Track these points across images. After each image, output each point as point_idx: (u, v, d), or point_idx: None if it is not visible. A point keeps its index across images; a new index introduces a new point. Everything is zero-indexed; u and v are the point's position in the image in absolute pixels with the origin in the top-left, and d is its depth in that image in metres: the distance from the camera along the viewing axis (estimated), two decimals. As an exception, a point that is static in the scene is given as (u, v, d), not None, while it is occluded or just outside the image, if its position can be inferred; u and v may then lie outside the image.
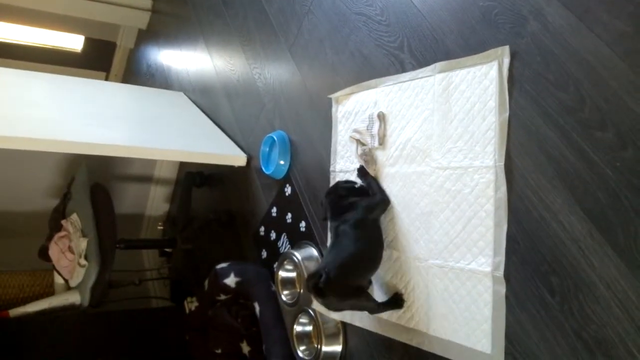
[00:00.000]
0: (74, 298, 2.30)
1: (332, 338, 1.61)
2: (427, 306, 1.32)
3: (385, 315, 1.43)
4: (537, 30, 1.11)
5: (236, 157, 2.24)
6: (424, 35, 1.39)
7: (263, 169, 2.04)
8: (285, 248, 1.94)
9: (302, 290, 1.72)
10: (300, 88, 1.92)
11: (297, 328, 1.72)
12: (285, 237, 1.94)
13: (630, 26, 0.97)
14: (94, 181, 2.51)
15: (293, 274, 1.79)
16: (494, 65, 1.18)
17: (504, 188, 1.15)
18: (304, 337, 1.70)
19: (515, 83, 1.14)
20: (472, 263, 1.21)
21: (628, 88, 0.96)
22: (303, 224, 1.84)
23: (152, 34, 3.85)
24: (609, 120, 0.98)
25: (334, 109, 1.71)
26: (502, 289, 1.14)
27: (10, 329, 2.19)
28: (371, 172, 1.52)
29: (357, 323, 1.53)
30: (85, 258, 2.28)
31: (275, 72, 2.11)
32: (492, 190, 1.17)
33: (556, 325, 1.04)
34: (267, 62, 2.17)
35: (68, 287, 2.41)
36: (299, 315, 1.71)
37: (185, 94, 2.98)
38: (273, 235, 2.03)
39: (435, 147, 1.32)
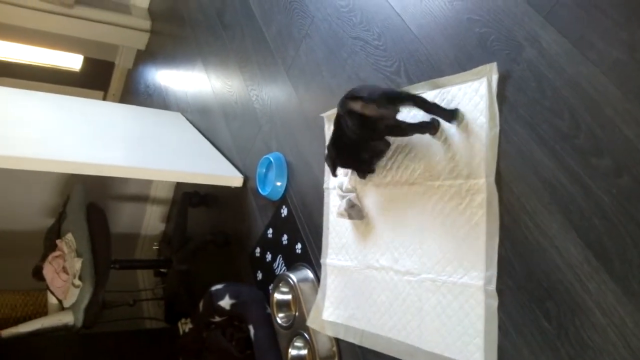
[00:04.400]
0: (67, 319, 2.28)
1: (327, 362, 1.60)
2: (420, 321, 1.31)
3: (379, 330, 1.43)
4: (532, 56, 1.12)
5: (233, 178, 2.24)
6: (420, 61, 1.40)
7: (259, 190, 2.04)
8: (280, 270, 1.93)
9: (297, 313, 1.71)
10: (297, 110, 1.93)
11: (292, 352, 1.70)
12: (281, 258, 1.94)
13: (625, 54, 0.98)
14: (89, 200, 2.50)
15: (288, 297, 1.78)
16: (484, 81, 1.20)
17: (495, 202, 1.16)
18: (299, 360, 1.69)
19: (512, 109, 1.15)
20: (465, 277, 1.21)
21: (623, 115, 0.97)
22: (299, 245, 1.84)
23: (151, 54, 3.87)
24: (604, 147, 0.99)
25: (326, 127, 1.72)
26: (495, 303, 1.14)
27: (1, 350, 2.16)
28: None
29: (351, 339, 1.52)
30: (80, 278, 2.26)
31: (272, 94, 2.12)
32: (484, 205, 1.18)
33: (552, 351, 1.04)
34: (265, 84, 2.18)
35: (62, 308, 2.38)
36: (294, 338, 1.70)
37: (182, 114, 2.99)
38: (269, 256, 2.02)
39: (427, 163, 1.33)
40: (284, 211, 1.94)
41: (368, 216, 1.52)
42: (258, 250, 2.10)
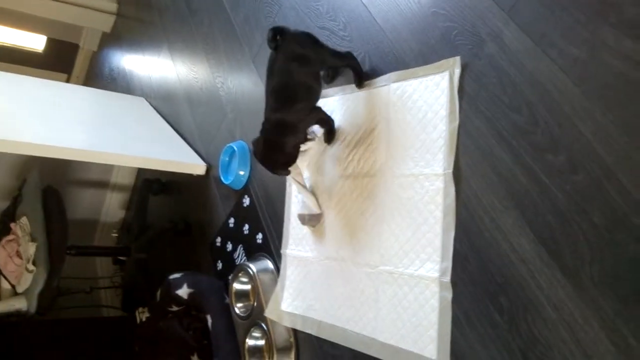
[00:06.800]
0: (20, 304, 2.22)
1: (284, 352, 1.59)
2: (377, 312, 1.32)
3: (336, 321, 1.43)
4: (494, 52, 1.12)
5: (195, 166, 2.21)
6: (385, 52, 1.39)
7: (222, 178, 2.02)
8: (241, 260, 1.91)
9: (255, 303, 1.69)
10: (262, 99, 1.90)
11: (249, 342, 1.69)
12: (242, 248, 1.92)
13: (585, 52, 0.99)
14: (47, 184, 2.44)
15: (248, 287, 1.77)
16: (446, 75, 1.21)
17: (452, 195, 1.17)
18: (255, 351, 1.67)
19: (472, 103, 1.15)
20: (421, 269, 1.21)
21: (580, 113, 0.98)
22: (260, 236, 1.82)
23: (116, 37, 3.80)
24: (561, 144, 1.00)
25: None
26: (449, 295, 1.15)
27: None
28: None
29: (309, 330, 1.52)
30: (34, 263, 2.20)
31: (238, 82, 2.09)
32: (441, 197, 1.19)
33: (504, 345, 1.05)
34: (231, 72, 2.15)
35: (15, 293, 2.32)
36: (252, 329, 1.68)
37: (146, 99, 2.93)
38: (229, 246, 2.00)
39: (388, 155, 1.34)
40: (246, 201, 1.93)
41: (329, 207, 1.52)
42: (219, 239, 2.08)
